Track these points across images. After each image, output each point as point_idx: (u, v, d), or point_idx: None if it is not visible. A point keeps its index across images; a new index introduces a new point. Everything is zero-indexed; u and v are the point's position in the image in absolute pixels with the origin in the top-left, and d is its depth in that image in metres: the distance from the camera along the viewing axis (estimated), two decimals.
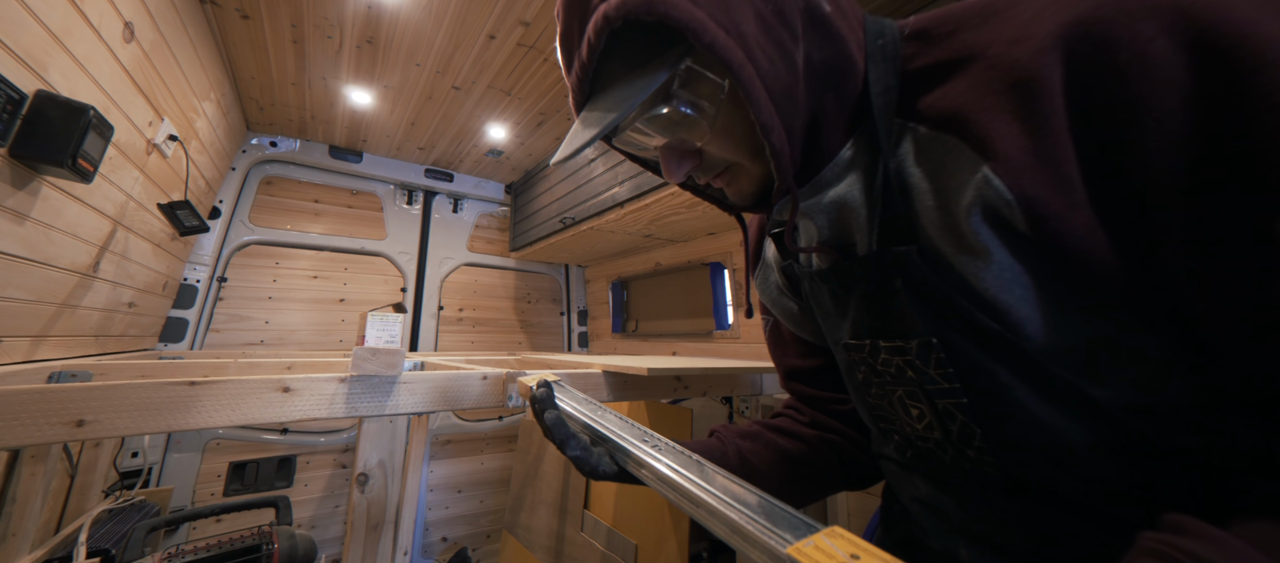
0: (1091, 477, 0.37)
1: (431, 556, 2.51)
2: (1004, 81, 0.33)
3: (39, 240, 1.03)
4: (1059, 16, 0.32)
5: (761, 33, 0.37)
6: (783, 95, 0.38)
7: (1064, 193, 0.31)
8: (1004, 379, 0.38)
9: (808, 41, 0.39)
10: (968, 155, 0.35)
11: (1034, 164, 0.32)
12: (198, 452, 2.07)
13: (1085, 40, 0.30)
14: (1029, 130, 0.32)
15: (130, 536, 1.27)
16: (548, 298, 3.14)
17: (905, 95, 0.40)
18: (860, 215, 0.44)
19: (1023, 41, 0.33)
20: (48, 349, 1.22)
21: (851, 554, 0.28)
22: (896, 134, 0.40)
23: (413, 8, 1.47)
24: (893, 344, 0.44)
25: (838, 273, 0.47)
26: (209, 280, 2.17)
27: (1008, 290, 0.35)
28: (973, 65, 0.36)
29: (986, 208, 0.34)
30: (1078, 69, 0.31)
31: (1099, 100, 0.30)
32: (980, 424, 0.41)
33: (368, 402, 0.80)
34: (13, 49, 0.83)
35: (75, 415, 0.62)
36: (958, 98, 0.36)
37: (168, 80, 1.37)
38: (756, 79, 0.37)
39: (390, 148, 2.52)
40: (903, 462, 0.50)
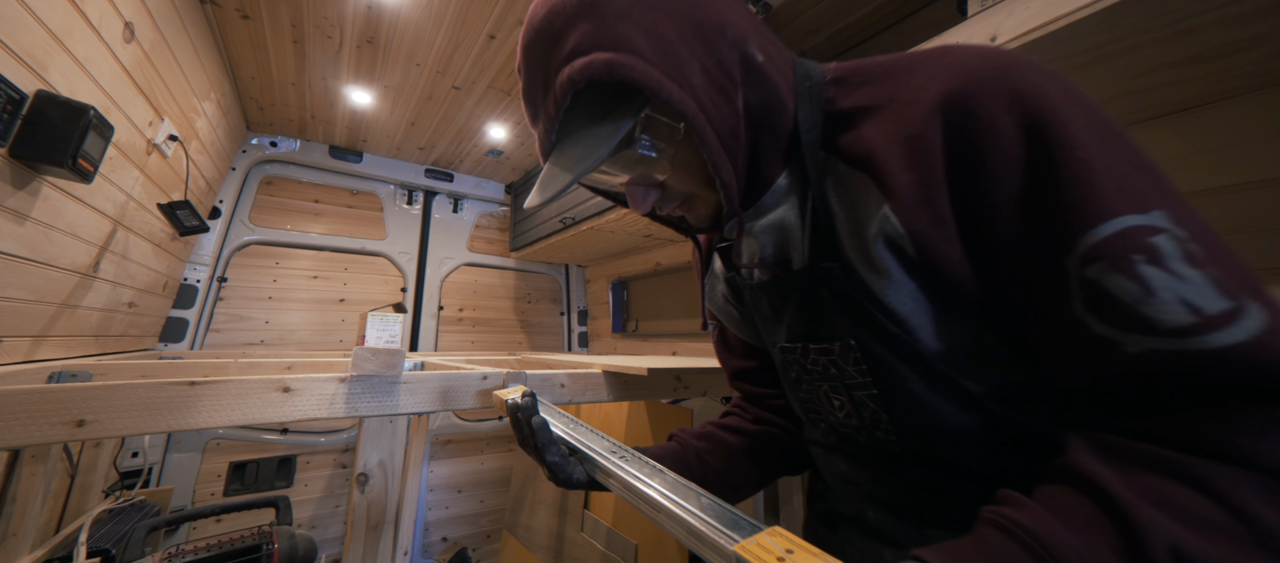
0: (971, 450, 0.46)
1: (431, 556, 2.51)
2: (901, 135, 0.41)
3: (39, 240, 1.03)
4: (940, 86, 0.40)
5: (707, 83, 0.44)
6: (728, 135, 0.45)
7: (941, 228, 0.40)
8: (903, 374, 0.46)
9: (745, 88, 0.46)
10: (875, 193, 0.43)
11: (921, 205, 0.40)
12: (198, 452, 2.06)
13: (956, 108, 0.38)
14: (918, 177, 0.40)
15: (130, 536, 1.27)
16: (548, 298, 3.14)
17: (828, 131, 0.48)
18: (795, 235, 0.51)
19: (915, 103, 0.41)
20: (48, 349, 1.22)
21: (786, 549, 0.34)
22: (823, 164, 0.48)
23: (413, 8, 1.47)
24: (820, 346, 0.52)
25: (777, 285, 0.55)
26: (209, 280, 2.17)
27: (905, 303, 0.44)
28: (878, 114, 0.44)
29: (887, 238, 0.42)
30: (951, 131, 0.39)
31: (964, 157, 0.38)
32: (887, 411, 0.49)
33: (368, 402, 0.80)
34: (13, 49, 0.83)
35: (75, 415, 0.62)
36: (867, 142, 0.44)
37: (168, 80, 1.37)
38: (707, 124, 0.43)
39: (390, 148, 2.52)
40: (827, 445, 0.60)
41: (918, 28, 1.53)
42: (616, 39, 0.41)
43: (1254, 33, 0.71)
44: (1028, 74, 0.37)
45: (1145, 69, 0.80)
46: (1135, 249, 0.32)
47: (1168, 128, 0.94)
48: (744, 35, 0.45)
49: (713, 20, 0.44)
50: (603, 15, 0.42)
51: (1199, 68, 0.79)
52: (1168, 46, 0.75)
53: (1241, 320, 0.30)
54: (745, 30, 0.46)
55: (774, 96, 0.46)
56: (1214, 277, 0.31)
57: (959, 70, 0.40)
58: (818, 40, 1.71)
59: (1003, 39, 0.78)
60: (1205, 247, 0.32)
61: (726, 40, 0.44)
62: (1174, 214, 0.33)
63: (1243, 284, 0.31)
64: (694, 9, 0.44)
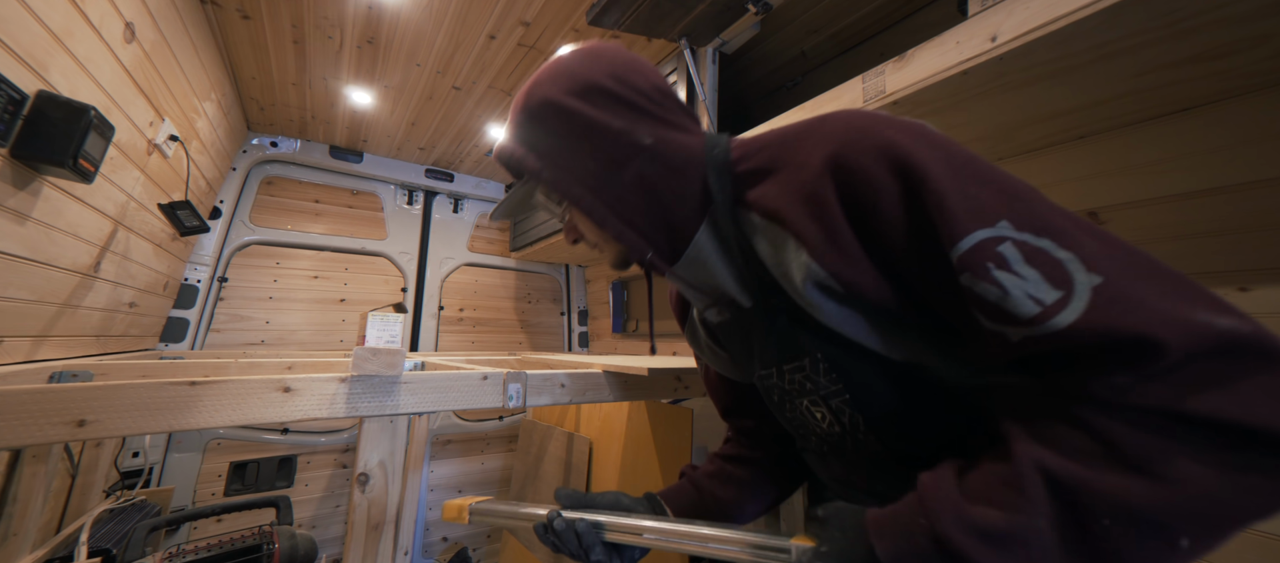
0: (945, 444, 0.52)
1: (432, 555, 2.51)
2: (801, 194, 0.49)
3: (40, 241, 1.03)
4: (823, 151, 0.48)
5: (597, 165, 0.56)
6: (615, 200, 0.57)
7: (856, 265, 0.47)
8: (869, 378, 0.53)
9: (640, 162, 0.56)
10: (793, 243, 0.49)
11: (834, 249, 0.47)
12: (198, 452, 2.07)
13: (840, 168, 0.46)
14: (824, 228, 0.47)
15: (131, 535, 1.27)
16: (548, 298, 3.14)
17: (737, 189, 0.56)
18: (729, 281, 0.59)
19: (807, 167, 0.49)
20: (49, 349, 1.22)
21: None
22: (740, 216, 0.56)
23: (413, 8, 1.47)
24: (792, 364, 0.59)
25: (736, 323, 0.63)
26: (210, 280, 2.17)
27: (846, 326, 0.51)
28: (778, 174, 0.52)
29: (815, 280, 0.48)
30: (840, 186, 0.46)
31: (857, 204, 0.46)
32: (862, 413, 0.55)
33: (368, 402, 0.80)
34: (14, 49, 0.83)
35: (76, 415, 0.62)
36: (775, 199, 0.51)
37: (168, 80, 1.37)
38: (586, 193, 0.57)
39: (391, 148, 2.52)
40: (820, 453, 0.66)
41: (917, 28, 1.53)
42: (526, 135, 0.60)
43: (1254, 33, 0.71)
44: (887, 129, 0.46)
45: (1145, 69, 0.80)
46: (987, 258, 0.39)
47: (1168, 128, 0.94)
48: (630, 127, 0.56)
49: (599, 122, 0.56)
50: (521, 122, 0.60)
51: (1199, 68, 0.79)
52: (1168, 46, 0.75)
53: (1070, 304, 0.37)
54: (632, 123, 0.56)
55: (669, 166, 0.56)
56: (1045, 271, 0.38)
57: (835, 136, 0.48)
58: (818, 40, 1.71)
59: (1003, 39, 0.78)
60: (1042, 241, 0.39)
61: (612, 131, 0.56)
62: (1016, 221, 0.40)
63: (1062, 277, 0.38)
64: (587, 113, 0.56)
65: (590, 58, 0.59)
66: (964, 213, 0.40)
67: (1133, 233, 1.01)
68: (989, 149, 1.12)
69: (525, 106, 0.60)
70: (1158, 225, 0.97)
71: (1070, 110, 0.95)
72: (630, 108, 0.57)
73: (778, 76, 1.91)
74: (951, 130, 1.04)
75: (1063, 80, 0.85)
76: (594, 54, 0.60)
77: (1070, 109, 0.94)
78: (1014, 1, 0.77)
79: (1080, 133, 1.03)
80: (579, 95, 0.57)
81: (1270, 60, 0.77)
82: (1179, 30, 0.71)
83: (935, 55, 0.87)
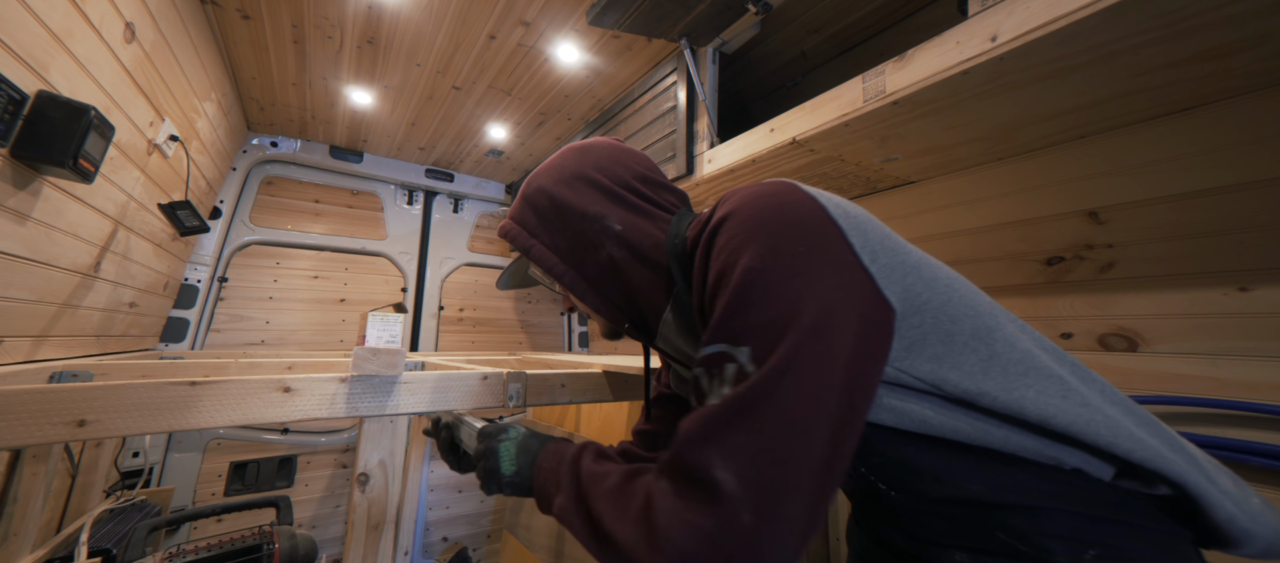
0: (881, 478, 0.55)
1: (432, 555, 2.51)
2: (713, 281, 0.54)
3: (40, 241, 1.03)
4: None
5: (576, 245, 0.64)
6: (596, 278, 0.64)
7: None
8: None
9: (610, 246, 0.62)
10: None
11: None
12: (199, 452, 2.07)
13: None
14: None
15: (131, 535, 1.27)
16: (548, 298, 3.14)
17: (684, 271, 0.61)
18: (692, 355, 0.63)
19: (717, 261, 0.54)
20: (49, 349, 1.22)
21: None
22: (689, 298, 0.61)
23: (413, 8, 1.47)
24: None
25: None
26: (210, 280, 2.17)
27: None
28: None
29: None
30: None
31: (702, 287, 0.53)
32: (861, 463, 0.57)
33: (368, 402, 0.80)
34: (14, 49, 0.83)
35: (77, 415, 0.63)
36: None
37: (169, 80, 1.37)
38: (567, 270, 0.65)
39: (391, 148, 2.52)
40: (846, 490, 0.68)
41: (918, 28, 1.53)
42: (520, 214, 0.70)
43: (1254, 33, 0.71)
44: (735, 229, 0.49)
45: (1146, 69, 0.80)
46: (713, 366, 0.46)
47: (1168, 128, 0.94)
48: (604, 212, 0.63)
49: (578, 207, 0.64)
50: (519, 205, 0.70)
51: (1199, 68, 0.79)
52: (1168, 46, 0.75)
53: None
54: (607, 209, 0.63)
55: (635, 252, 0.62)
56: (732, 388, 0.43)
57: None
58: (818, 40, 1.71)
59: (1003, 38, 0.78)
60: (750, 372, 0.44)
61: (588, 217, 0.63)
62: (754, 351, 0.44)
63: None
64: (569, 199, 0.64)
65: (581, 151, 0.68)
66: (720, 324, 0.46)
67: (1133, 233, 1.01)
68: (989, 149, 1.12)
69: (524, 192, 0.70)
70: (1158, 225, 0.97)
71: (1070, 110, 0.95)
72: (606, 195, 0.64)
73: (778, 76, 1.91)
74: (952, 130, 1.04)
75: (1063, 80, 0.85)
76: (585, 148, 0.69)
77: (1070, 109, 0.94)
78: (1014, 1, 0.77)
79: (1080, 133, 1.03)
80: (565, 183, 0.66)
81: (1270, 60, 0.77)
82: (1179, 30, 0.71)
83: (935, 55, 0.87)
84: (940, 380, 0.46)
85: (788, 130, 1.15)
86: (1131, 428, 0.45)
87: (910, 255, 0.49)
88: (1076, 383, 0.46)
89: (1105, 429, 0.44)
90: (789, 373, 0.41)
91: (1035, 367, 0.46)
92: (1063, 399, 0.44)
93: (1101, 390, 0.47)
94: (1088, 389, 0.46)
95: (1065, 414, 0.44)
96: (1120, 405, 0.47)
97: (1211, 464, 0.47)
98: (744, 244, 0.47)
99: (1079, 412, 0.44)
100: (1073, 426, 0.44)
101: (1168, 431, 0.48)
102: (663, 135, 1.62)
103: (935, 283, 0.48)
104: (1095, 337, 1.06)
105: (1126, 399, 0.49)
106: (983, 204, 1.22)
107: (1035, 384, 0.45)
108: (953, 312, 0.47)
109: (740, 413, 0.41)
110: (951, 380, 0.46)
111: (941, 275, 0.49)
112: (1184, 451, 0.46)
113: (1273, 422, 0.83)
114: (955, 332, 0.47)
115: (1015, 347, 0.47)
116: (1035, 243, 1.15)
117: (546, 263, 0.66)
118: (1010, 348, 0.46)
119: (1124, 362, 1.02)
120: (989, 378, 0.45)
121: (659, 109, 1.66)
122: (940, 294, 0.47)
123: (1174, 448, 0.46)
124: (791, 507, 0.38)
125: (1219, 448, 0.85)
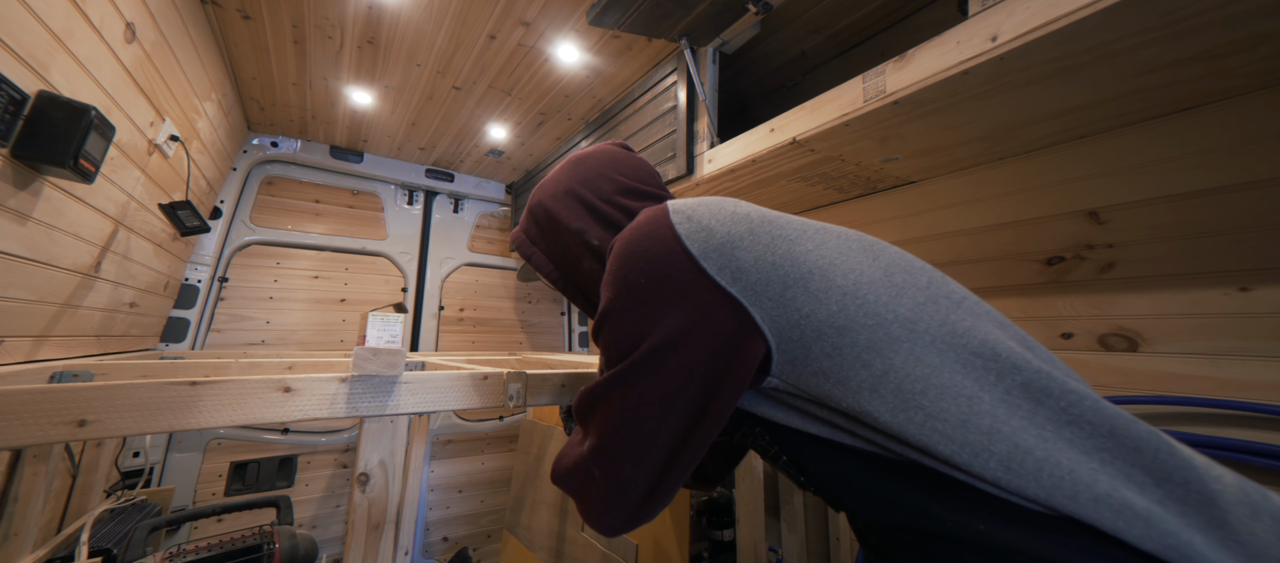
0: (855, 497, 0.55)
1: (432, 555, 2.51)
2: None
3: (41, 241, 1.03)
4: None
5: (564, 255, 0.70)
6: (582, 286, 0.70)
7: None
8: (799, 442, 0.55)
9: (587, 258, 0.67)
10: None
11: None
12: (199, 452, 2.07)
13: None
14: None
15: (132, 535, 1.27)
16: (548, 298, 3.14)
17: None
18: None
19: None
20: (50, 349, 1.22)
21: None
22: None
23: (413, 8, 1.47)
24: (741, 431, 0.64)
25: None
26: (210, 280, 2.17)
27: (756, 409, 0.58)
28: None
29: None
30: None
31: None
32: (802, 474, 0.57)
33: (368, 402, 0.80)
34: (14, 49, 0.83)
35: (77, 415, 0.63)
36: None
37: (169, 81, 1.37)
38: (562, 280, 0.72)
39: (391, 148, 2.52)
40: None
41: (918, 28, 1.53)
42: (526, 224, 0.77)
43: (1254, 33, 0.71)
44: (608, 266, 0.57)
45: (1146, 69, 0.80)
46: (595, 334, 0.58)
47: (1168, 128, 0.94)
48: (584, 227, 0.67)
49: (564, 222, 0.69)
50: (526, 215, 0.77)
51: (1199, 68, 0.79)
52: (1168, 46, 0.75)
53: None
54: (587, 224, 0.67)
55: (603, 266, 0.64)
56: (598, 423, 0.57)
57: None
58: (818, 40, 1.71)
59: (1003, 38, 0.78)
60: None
61: (572, 231, 0.68)
62: (605, 367, 0.57)
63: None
64: (559, 213, 0.70)
65: (575, 164, 0.73)
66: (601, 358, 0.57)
67: (1133, 233, 1.01)
68: (989, 149, 1.12)
69: (529, 204, 0.77)
70: (1158, 225, 0.97)
71: (1070, 110, 0.95)
72: (588, 210, 0.68)
73: (778, 76, 1.91)
74: (952, 130, 1.04)
75: (1063, 80, 0.85)
76: (579, 161, 0.73)
77: (1070, 109, 0.94)
78: (1014, 1, 0.77)
79: (1080, 133, 1.03)
80: (557, 197, 0.71)
81: (1270, 60, 0.77)
82: (1179, 30, 0.71)
83: (935, 55, 0.87)
84: (824, 396, 0.45)
85: (788, 130, 1.15)
86: (1051, 458, 0.39)
87: (799, 267, 0.48)
88: (1000, 406, 0.41)
89: (997, 463, 0.39)
90: (625, 380, 0.52)
91: (935, 385, 0.42)
92: (959, 426, 0.40)
93: (1075, 404, 0.41)
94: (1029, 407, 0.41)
95: (950, 442, 0.40)
96: (1088, 423, 0.40)
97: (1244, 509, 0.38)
98: (608, 282, 0.55)
99: (971, 440, 0.40)
100: (954, 456, 0.40)
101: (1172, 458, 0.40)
102: (663, 135, 1.62)
103: (827, 294, 0.46)
104: (1095, 337, 1.06)
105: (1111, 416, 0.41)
106: (983, 204, 1.22)
107: (927, 407, 0.41)
108: (844, 322, 0.45)
109: (599, 400, 0.55)
110: (835, 397, 0.45)
111: (841, 284, 0.47)
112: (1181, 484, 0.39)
113: (1273, 422, 0.83)
114: (844, 345, 0.44)
115: (919, 362, 0.43)
116: (1035, 243, 1.15)
117: (544, 269, 0.73)
118: (912, 363, 0.43)
119: (1124, 362, 1.02)
120: (877, 397, 0.43)
121: (659, 109, 1.66)
122: (830, 306, 0.46)
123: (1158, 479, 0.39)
124: (624, 469, 0.52)
125: (1219, 448, 0.85)
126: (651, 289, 0.51)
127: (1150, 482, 0.39)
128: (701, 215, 0.53)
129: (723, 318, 0.47)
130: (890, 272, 0.49)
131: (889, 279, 0.48)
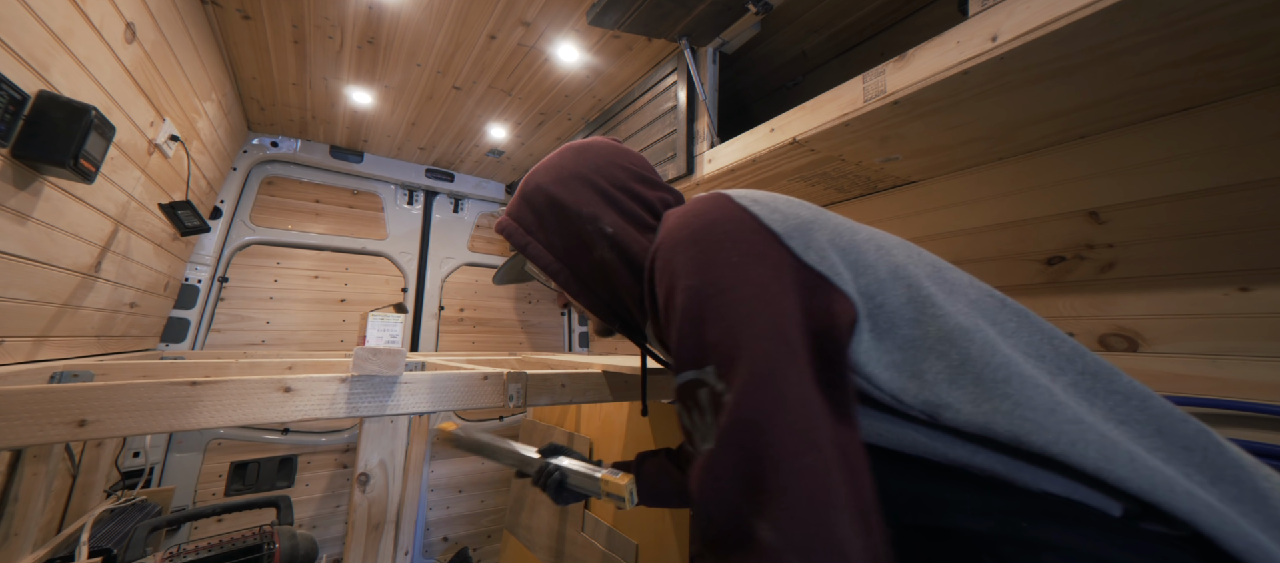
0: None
1: (433, 555, 2.51)
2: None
3: (41, 241, 1.03)
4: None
5: (570, 244, 0.65)
6: (589, 278, 0.66)
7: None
8: None
9: (600, 247, 0.63)
10: None
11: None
12: (199, 452, 2.07)
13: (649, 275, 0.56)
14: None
15: (132, 535, 1.27)
16: (548, 298, 3.14)
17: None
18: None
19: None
20: (50, 349, 1.22)
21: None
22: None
23: (414, 8, 1.47)
24: None
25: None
26: (210, 280, 2.17)
27: None
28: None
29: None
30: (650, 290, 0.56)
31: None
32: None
33: (369, 402, 0.80)
34: (15, 50, 0.83)
35: (77, 415, 0.63)
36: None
37: (169, 81, 1.37)
38: (562, 269, 0.66)
39: (391, 148, 2.52)
40: None
41: (918, 27, 1.53)
42: (517, 212, 0.71)
43: (1254, 32, 0.71)
44: (670, 252, 0.50)
45: (1146, 69, 0.80)
46: (688, 396, 0.45)
47: (1168, 128, 0.94)
48: (598, 213, 0.64)
49: (573, 207, 0.65)
50: (517, 202, 0.71)
51: (1199, 68, 0.79)
52: (1168, 46, 0.75)
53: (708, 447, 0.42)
54: (600, 210, 0.64)
55: (623, 258, 0.62)
56: (716, 420, 0.41)
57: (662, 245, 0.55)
58: (818, 40, 1.71)
59: (1003, 38, 0.78)
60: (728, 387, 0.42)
61: (583, 217, 0.64)
62: (718, 367, 0.42)
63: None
64: (566, 199, 0.65)
65: (579, 151, 0.69)
66: (681, 355, 0.46)
67: (1133, 233, 1.01)
68: (989, 149, 1.12)
69: (522, 190, 0.70)
70: (1158, 225, 0.97)
71: (1070, 110, 0.95)
72: (603, 196, 0.64)
73: (778, 76, 1.91)
74: (952, 130, 1.04)
75: (1063, 80, 0.85)
76: (583, 148, 0.69)
77: (1070, 109, 0.94)
78: (1014, 1, 0.77)
79: (1080, 133, 1.03)
80: (563, 183, 0.66)
81: (1270, 60, 0.77)
82: (1179, 30, 0.71)
83: (935, 55, 0.87)
84: (899, 390, 0.42)
85: (788, 130, 1.15)
86: (1134, 451, 0.38)
87: (863, 256, 0.46)
88: (1071, 397, 0.41)
89: (1095, 451, 0.37)
90: (769, 381, 0.39)
91: (1017, 375, 0.40)
92: (1048, 414, 0.39)
93: (1122, 403, 0.41)
94: (1087, 403, 0.41)
95: (1045, 432, 0.38)
96: (1137, 423, 0.40)
97: None
98: (680, 265, 0.48)
99: (1066, 429, 0.38)
100: (1050, 446, 0.38)
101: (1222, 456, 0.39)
102: (663, 135, 1.62)
103: (893, 285, 0.45)
104: (1096, 337, 1.06)
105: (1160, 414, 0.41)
106: (983, 204, 1.22)
107: (1013, 396, 0.39)
108: (913, 314, 0.43)
109: (739, 448, 0.39)
110: (911, 390, 0.42)
111: (905, 276, 0.45)
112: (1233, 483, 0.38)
113: (1273, 422, 0.83)
114: (916, 337, 0.43)
115: (996, 351, 0.42)
116: (1035, 243, 1.15)
117: (542, 261, 0.67)
118: (989, 352, 0.41)
119: (1124, 362, 1.02)
120: (956, 388, 0.41)
121: (659, 109, 1.66)
122: (898, 297, 0.44)
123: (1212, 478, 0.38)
124: (835, 529, 0.34)
125: None
126: (744, 267, 0.44)
127: (1206, 481, 0.38)
128: (767, 199, 0.50)
129: (820, 299, 0.43)
130: (938, 269, 0.49)
131: (939, 275, 0.48)
